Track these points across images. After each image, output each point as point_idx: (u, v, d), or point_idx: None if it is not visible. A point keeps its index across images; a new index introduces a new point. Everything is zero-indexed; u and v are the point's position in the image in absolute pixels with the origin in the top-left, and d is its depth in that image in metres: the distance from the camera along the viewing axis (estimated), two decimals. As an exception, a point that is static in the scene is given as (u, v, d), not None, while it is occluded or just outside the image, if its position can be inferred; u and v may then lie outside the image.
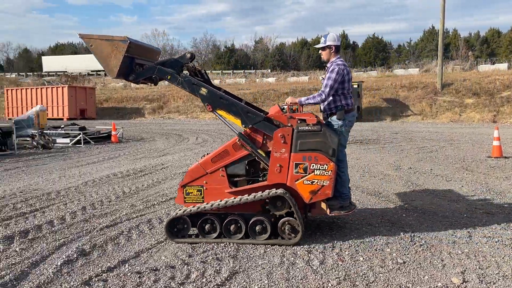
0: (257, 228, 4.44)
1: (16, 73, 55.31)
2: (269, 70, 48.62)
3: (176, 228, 4.57)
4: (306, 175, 4.35)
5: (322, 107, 4.88)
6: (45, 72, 52.84)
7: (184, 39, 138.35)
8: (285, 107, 4.73)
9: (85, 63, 51.18)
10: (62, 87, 31.89)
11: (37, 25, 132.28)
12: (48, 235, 4.82)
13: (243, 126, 4.55)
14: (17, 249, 4.38)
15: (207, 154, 4.89)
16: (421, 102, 25.80)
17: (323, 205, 4.60)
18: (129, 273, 3.73)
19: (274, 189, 4.37)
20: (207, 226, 4.51)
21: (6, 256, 4.19)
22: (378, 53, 57.83)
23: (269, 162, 4.44)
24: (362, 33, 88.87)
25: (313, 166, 4.33)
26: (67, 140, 15.00)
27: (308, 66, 51.71)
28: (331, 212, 4.55)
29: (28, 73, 54.11)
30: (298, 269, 3.79)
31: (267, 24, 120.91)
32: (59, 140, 15.06)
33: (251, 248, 4.31)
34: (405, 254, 4.13)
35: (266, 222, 4.42)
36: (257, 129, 4.51)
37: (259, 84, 38.42)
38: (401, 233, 4.73)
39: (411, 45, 59.87)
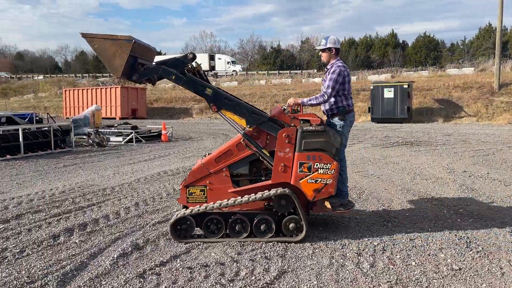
0: (261, 226, 4.50)
1: (73, 75, 58.12)
2: (315, 70, 48.13)
3: (181, 228, 4.57)
4: (310, 174, 4.43)
5: (323, 108, 4.97)
6: None
7: (231, 40, 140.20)
8: (286, 107, 4.80)
9: None
10: (115, 87, 33.23)
11: (93, 28, 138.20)
12: (104, 228, 5.07)
13: (248, 126, 4.59)
14: (76, 241, 4.64)
15: (209, 154, 4.97)
16: (476, 103, 24.59)
17: (326, 203, 4.67)
18: (181, 268, 3.85)
19: (281, 187, 4.44)
20: (212, 226, 4.55)
21: (67, 247, 4.45)
22: (430, 52, 55.58)
23: (273, 162, 4.51)
24: (413, 31, 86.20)
25: (317, 165, 4.43)
26: (120, 139, 15.63)
27: (356, 66, 50.60)
28: (334, 210, 4.66)
29: (84, 75, 56.71)
30: (347, 271, 3.75)
31: (314, 24, 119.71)
32: (112, 138, 15.73)
33: (299, 248, 4.31)
34: (460, 261, 3.97)
35: (270, 221, 4.49)
36: (261, 129, 4.58)
37: (305, 84, 38.16)
38: (456, 238, 4.56)
39: (465, 44, 57.07)
